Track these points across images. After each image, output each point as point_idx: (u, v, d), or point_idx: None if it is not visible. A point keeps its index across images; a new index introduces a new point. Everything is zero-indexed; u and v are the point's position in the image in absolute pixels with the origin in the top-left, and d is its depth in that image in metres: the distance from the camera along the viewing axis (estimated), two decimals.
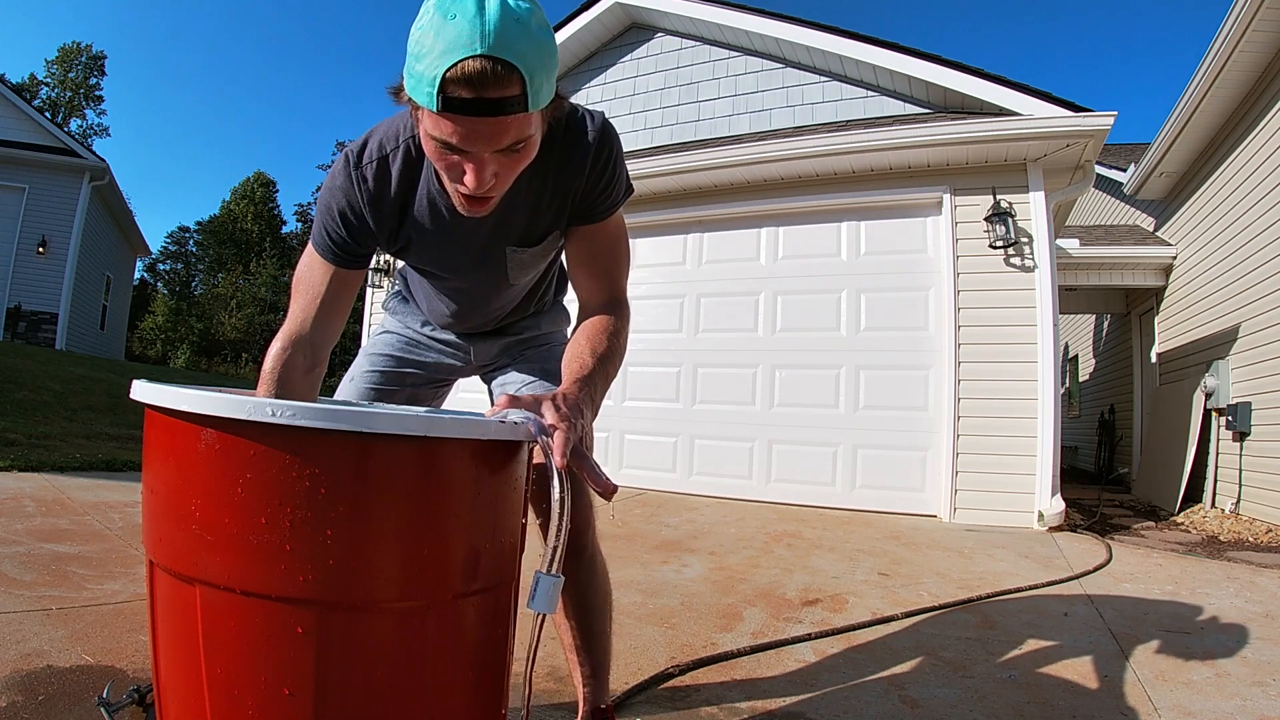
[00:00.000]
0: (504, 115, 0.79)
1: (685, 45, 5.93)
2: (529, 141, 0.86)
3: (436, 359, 1.41)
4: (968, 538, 3.67)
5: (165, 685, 0.78)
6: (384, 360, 1.39)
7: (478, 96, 0.77)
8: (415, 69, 0.80)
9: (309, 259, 1.10)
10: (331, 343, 1.13)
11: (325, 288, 1.08)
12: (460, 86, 0.77)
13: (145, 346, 30.35)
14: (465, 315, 1.32)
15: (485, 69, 0.76)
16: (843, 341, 4.81)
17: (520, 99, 0.79)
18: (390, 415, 0.71)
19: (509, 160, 0.87)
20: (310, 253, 1.09)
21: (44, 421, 5.77)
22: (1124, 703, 1.57)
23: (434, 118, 0.80)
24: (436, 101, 0.78)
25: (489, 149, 0.83)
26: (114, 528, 2.70)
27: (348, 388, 1.37)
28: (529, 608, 0.76)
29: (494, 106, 0.78)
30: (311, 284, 1.09)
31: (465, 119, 0.79)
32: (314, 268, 1.09)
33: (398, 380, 1.38)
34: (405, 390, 1.38)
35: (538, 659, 1.78)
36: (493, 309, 1.31)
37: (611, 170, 1.07)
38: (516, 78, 0.78)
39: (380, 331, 1.47)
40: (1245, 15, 4.40)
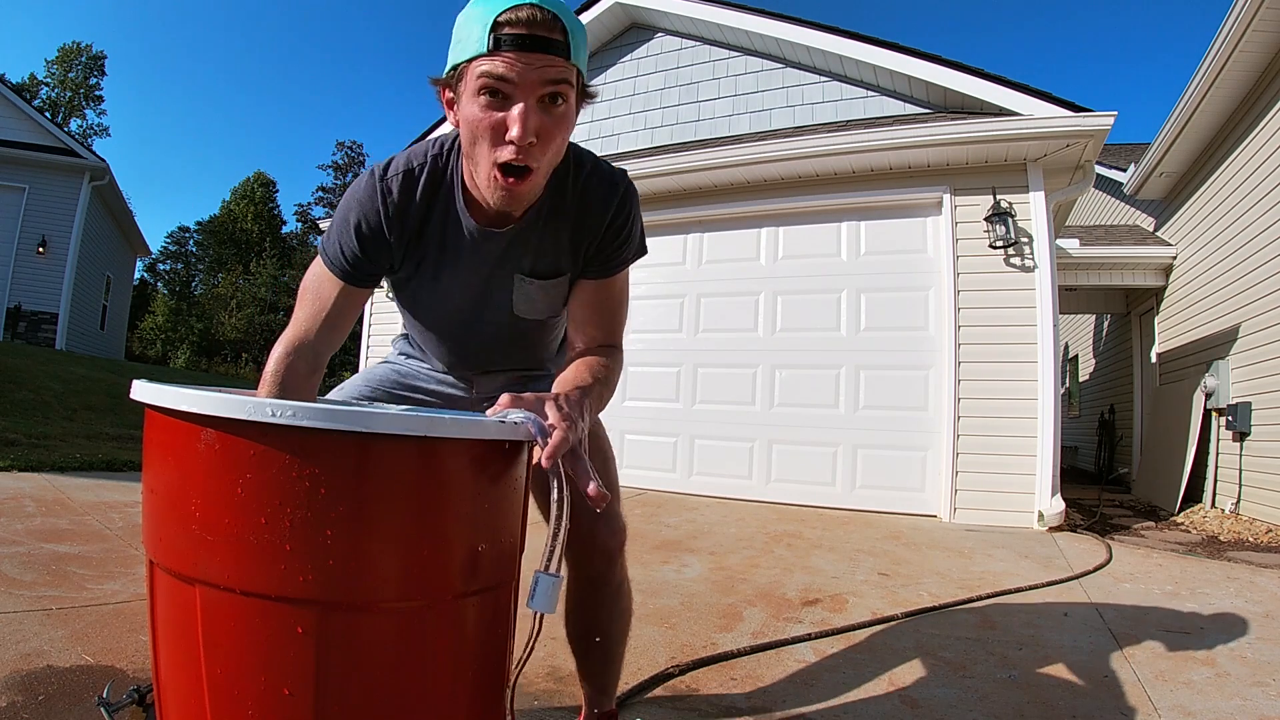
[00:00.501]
0: (549, 54, 0.87)
1: (685, 45, 5.93)
2: (568, 104, 0.92)
3: (436, 388, 1.38)
4: (968, 538, 3.67)
5: (165, 685, 0.78)
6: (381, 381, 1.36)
7: (529, 33, 0.86)
8: (464, 29, 0.89)
9: (319, 271, 1.10)
10: (333, 351, 1.13)
11: (332, 303, 1.08)
12: (513, 25, 0.86)
13: (145, 346, 30.36)
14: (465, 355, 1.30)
15: (534, 11, 0.86)
16: (843, 341, 4.81)
17: (563, 45, 0.88)
18: (390, 415, 0.71)
19: (549, 122, 0.91)
20: (320, 265, 1.09)
21: (44, 421, 5.77)
22: (1124, 703, 1.57)
23: (486, 60, 0.87)
24: (489, 41, 0.86)
25: (538, 84, 0.88)
26: (114, 528, 2.70)
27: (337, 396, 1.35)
28: (529, 606, 0.76)
29: (542, 43, 0.87)
30: (319, 296, 1.09)
31: (516, 54, 0.86)
32: (323, 281, 1.09)
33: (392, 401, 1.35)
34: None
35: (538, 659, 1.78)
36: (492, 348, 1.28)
37: (630, 227, 1.11)
38: (560, 27, 0.88)
39: (381, 362, 1.44)
40: (1245, 15, 4.40)
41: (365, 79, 64.47)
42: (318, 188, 40.87)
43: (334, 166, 35.54)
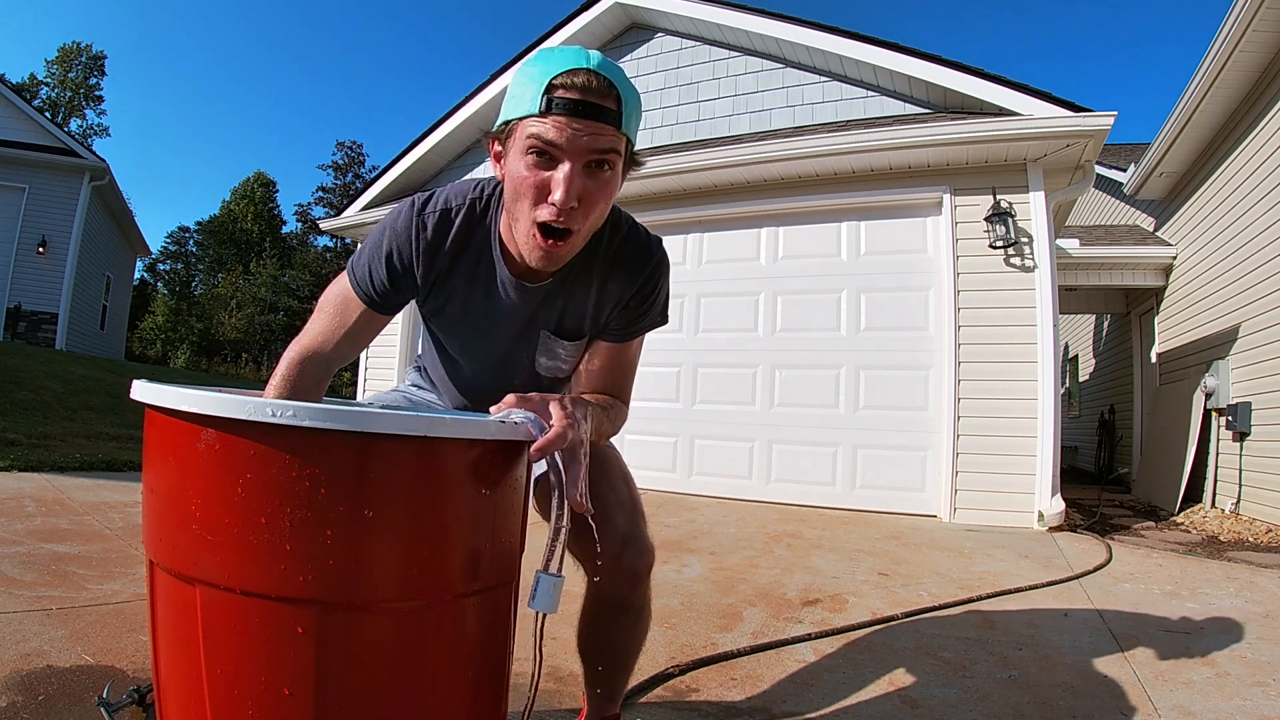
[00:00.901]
0: (601, 122, 0.88)
1: (685, 45, 5.93)
2: (614, 171, 0.93)
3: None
4: (968, 538, 3.67)
5: (165, 685, 0.78)
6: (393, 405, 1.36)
7: (582, 99, 0.87)
8: (520, 87, 0.90)
9: (344, 290, 1.09)
10: (345, 364, 1.14)
11: (353, 323, 1.09)
12: (567, 89, 0.87)
13: (145, 346, 30.35)
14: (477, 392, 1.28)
15: (590, 78, 0.87)
16: (843, 341, 4.81)
17: (615, 114, 0.89)
18: (390, 415, 0.71)
19: (594, 187, 0.91)
20: (346, 285, 1.09)
21: (44, 421, 5.77)
22: (1124, 703, 1.57)
23: (537, 121, 0.88)
24: (541, 103, 0.87)
25: (585, 151, 0.89)
26: (114, 528, 2.70)
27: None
28: (530, 606, 0.76)
29: (595, 110, 0.87)
30: (341, 313, 1.09)
31: (567, 118, 0.87)
32: (347, 301, 1.09)
33: None
34: None
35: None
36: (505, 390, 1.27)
37: (655, 296, 1.13)
38: (615, 95, 0.89)
39: (393, 390, 1.46)
40: (1245, 15, 4.39)
41: (365, 79, 64.52)
42: (318, 188, 40.93)
43: (334, 166, 35.49)
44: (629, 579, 1.09)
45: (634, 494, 1.20)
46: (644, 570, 1.11)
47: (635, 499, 1.19)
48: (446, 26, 64.47)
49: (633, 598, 1.12)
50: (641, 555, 1.10)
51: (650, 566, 1.13)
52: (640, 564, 1.10)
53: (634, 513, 1.14)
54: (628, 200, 5.35)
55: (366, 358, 6.78)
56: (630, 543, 1.08)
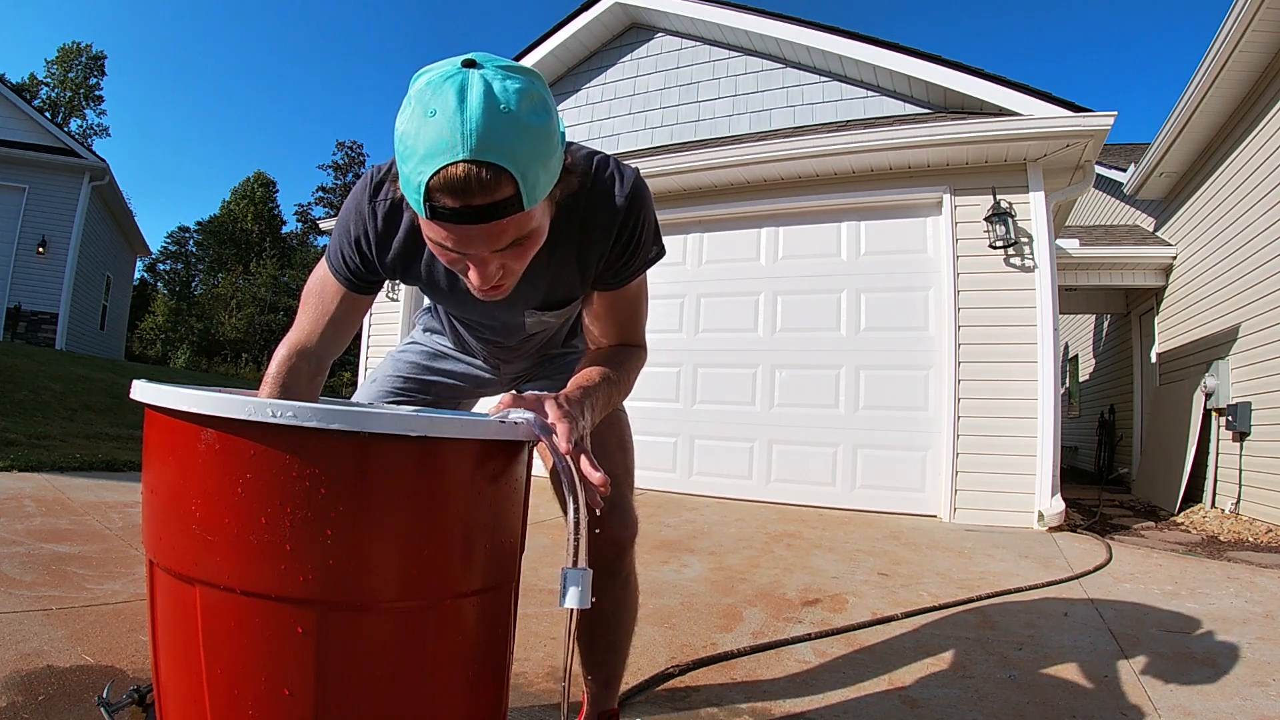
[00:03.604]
0: (496, 220, 0.73)
1: (685, 45, 5.93)
2: (533, 233, 0.81)
3: (465, 369, 1.39)
4: (968, 538, 3.67)
5: (165, 685, 0.78)
6: (410, 368, 1.37)
7: (464, 205, 0.71)
8: (403, 169, 0.74)
9: (322, 275, 1.07)
10: (336, 355, 1.12)
11: (335, 308, 1.07)
12: (445, 195, 0.71)
13: (145, 346, 30.35)
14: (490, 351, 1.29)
15: (470, 175, 0.69)
16: (843, 341, 4.81)
17: (514, 200, 0.73)
18: (390, 415, 0.71)
19: (514, 253, 0.81)
20: (324, 269, 1.07)
21: (44, 421, 5.77)
22: (1124, 702, 1.57)
23: (426, 223, 0.76)
24: (425, 209, 0.73)
25: (486, 250, 0.78)
26: (114, 528, 2.70)
27: (369, 389, 1.36)
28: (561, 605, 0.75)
29: (484, 213, 0.72)
30: (323, 301, 1.07)
31: (455, 226, 0.74)
32: (326, 286, 1.07)
33: (422, 388, 1.36)
34: (429, 398, 1.36)
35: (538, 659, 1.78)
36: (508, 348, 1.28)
37: (639, 237, 1.00)
38: (506, 179, 0.71)
39: (409, 342, 1.44)
40: (1245, 15, 4.39)
41: (366, 79, 64.53)
42: (318, 188, 40.90)
43: (334, 166, 35.54)
44: (612, 548, 1.10)
45: (627, 464, 1.20)
46: (628, 540, 1.13)
47: (628, 469, 1.19)
48: (447, 26, 64.48)
49: (617, 566, 1.12)
50: (625, 526, 1.12)
51: (633, 537, 1.14)
52: (625, 534, 1.11)
53: (621, 484, 1.14)
54: None
55: (366, 357, 6.78)
56: (614, 513, 1.08)
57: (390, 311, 6.49)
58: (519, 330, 1.17)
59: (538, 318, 1.12)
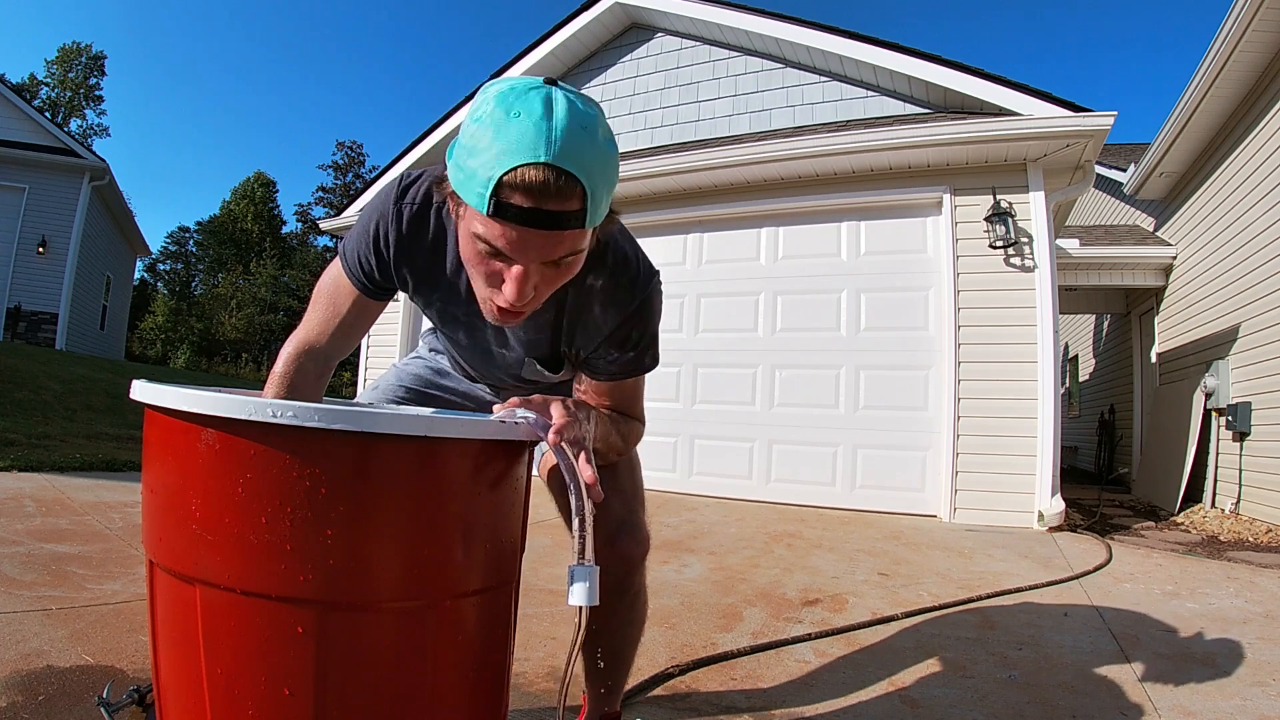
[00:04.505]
0: (560, 230, 0.74)
1: (685, 45, 5.93)
2: (577, 257, 0.81)
3: (468, 389, 1.37)
4: (968, 538, 3.67)
5: (165, 685, 0.78)
6: (414, 379, 1.36)
7: (536, 207, 0.72)
8: (466, 164, 0.74)
9: (337, 275, 1.05)
10: (344, 356, 1.12)
11: (347, 310, 1.05)
12: (518, 193, 0.71)
13: (145, 346, 30.35)
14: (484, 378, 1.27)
15: (549, 179, 0.70)
16: (843, 341, 4.81)
17: (579, 214, 0.74)
18: (391, 415, 0.71)
19: (553, 274, 0.81)
20: (338, 269, 1.05)
21: (44, 421, 5.77)
22: (1124, 702, 1.57)
23: (484, 220, 0.74)
24: (489, 205, 0.72)
25: (538, 260, 0.77)
26: (114, 528, 2.70)
27: (370, 395, 1.35)
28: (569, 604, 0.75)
29: (551, 219, 0.73)
30: (335, 302, 1.06)
31: (518, 228, 0.73)
32: (340, 287, 1.05)
33: (423, 401, 1.34)
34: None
35: (538, 659, 1.78)
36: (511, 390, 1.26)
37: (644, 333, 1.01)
38: (579, 191, 0.72)
39: (414, 356, 1.43)
40: (1245, 15, 4.39)
41: (366, 79, 64.49)
42: (318, 188, 40.92)
43: (334, 166, 35.50)
44: (623, 565, 1.08)
45: (636, 481, 1.18)
46: (639, 557, 1.11)
47: (637, 486, 1.18)
48: (446, 26, 64.48)
49: (627, 583, 1.11)
50: (637, 543, 1.10)
51: (645, 554, 1.12)
52: (635, 551, 1.09)
53: (632, 500, 1.14)
54: (628, 200, 5.35)
55: (366, 357, 6.78)
56: (626, 530, 1.07)
57: (391, 312, 6.49)
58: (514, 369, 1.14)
59: (535, 368, 1.10)
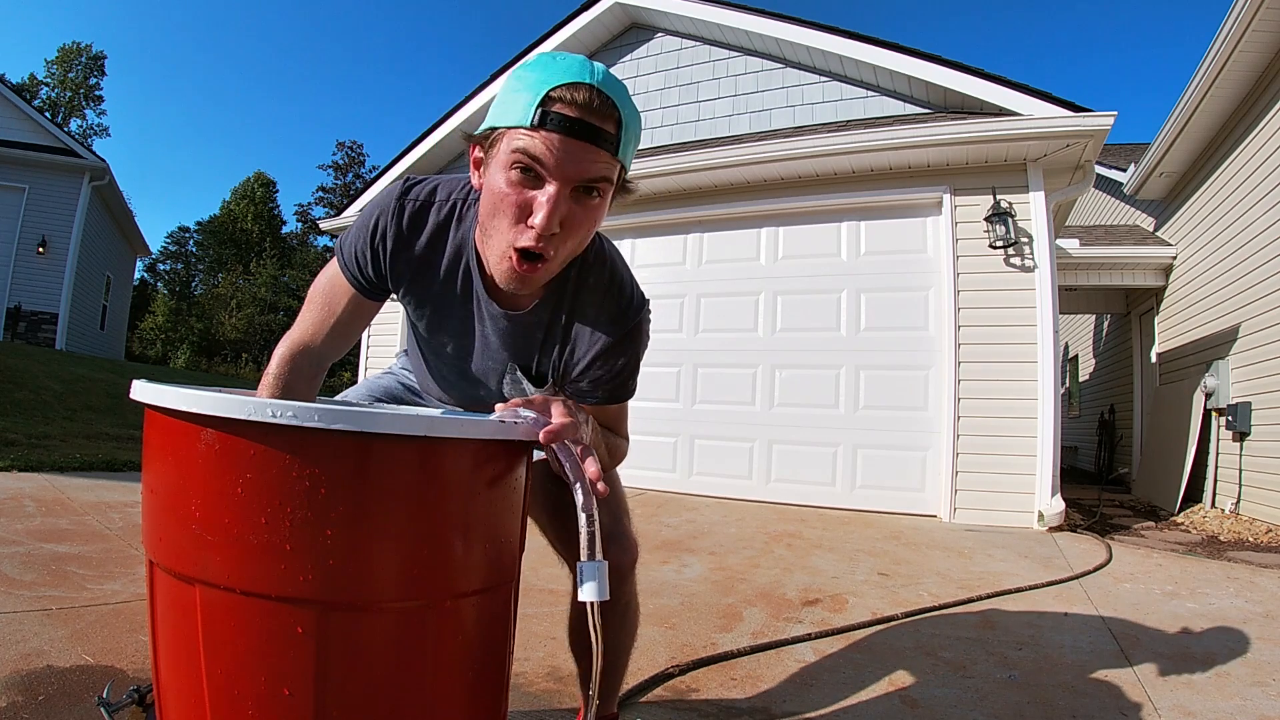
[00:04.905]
0: (597, 146, 0.81)
1: (685, 45, 5.93)
2: (603, 199, 0.87)
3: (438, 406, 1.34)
4: (968, 538, 3.67)
5: (165, 685, 0.78)
6: (384, 392, 1.35)
7: (580, 118, 0.79)
8: (512, 93, 0.82)
9: (333, 275, 1.05)
10: (338, 357, 1.11)
11: (342, 310, 1.05)
12: (565, 105, 0.79)
13: (145, 346, 30.35)
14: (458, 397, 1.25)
15: (593, 95, 0.79)
16: (843, 341, 4.81)
17: (614, 139, 0.82)
18: (390, 415, 0.71)
19: (579, 213, 0.85)
20: (335, 269, 1.05)
21: (44, 421, 5.77)
22: (1124, 702, 1.57)
23: (527, 133, 0.80)
24: (534, 115, 0.79)
25: (574, 177, 0.82)
26: (114, 528, 2.70)
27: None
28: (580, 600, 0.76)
29: (592, 132, 0.80)
30: (330, 302, 1.05)
31: (561, 138, 0.79)
32: (335, 286, 1.05)
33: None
34: None
35: (538, 659, 1.78)
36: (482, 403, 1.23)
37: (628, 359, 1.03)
38: (615, 118, 0.81)
39: (385, 372, 1.42)
40: (1245, 15, 4.39)
41: (366, 79, 64.49)
42: (318, 188, 40.95)
43: (334, 166, 35.49)
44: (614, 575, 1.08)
45: (619, 491, 1.20)
46: (628, 566, 1.12)
47: (620, 498, 1.19)
48: (446, 26, 64.50)
49: (618, 593, 1.10)
50: (625, 552, 1.11)
51: (634, 563, 1.14)
52: (624, 560, 1.10)
53: (617, 509, 1.15)
54: (628, 200, 5.34)
55: (366, 358, 6.78)
56: (613, 539, 1.08)
57: (391, 313, 6.48)
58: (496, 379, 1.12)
59: (517, 376, 1.09)
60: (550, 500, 1.09)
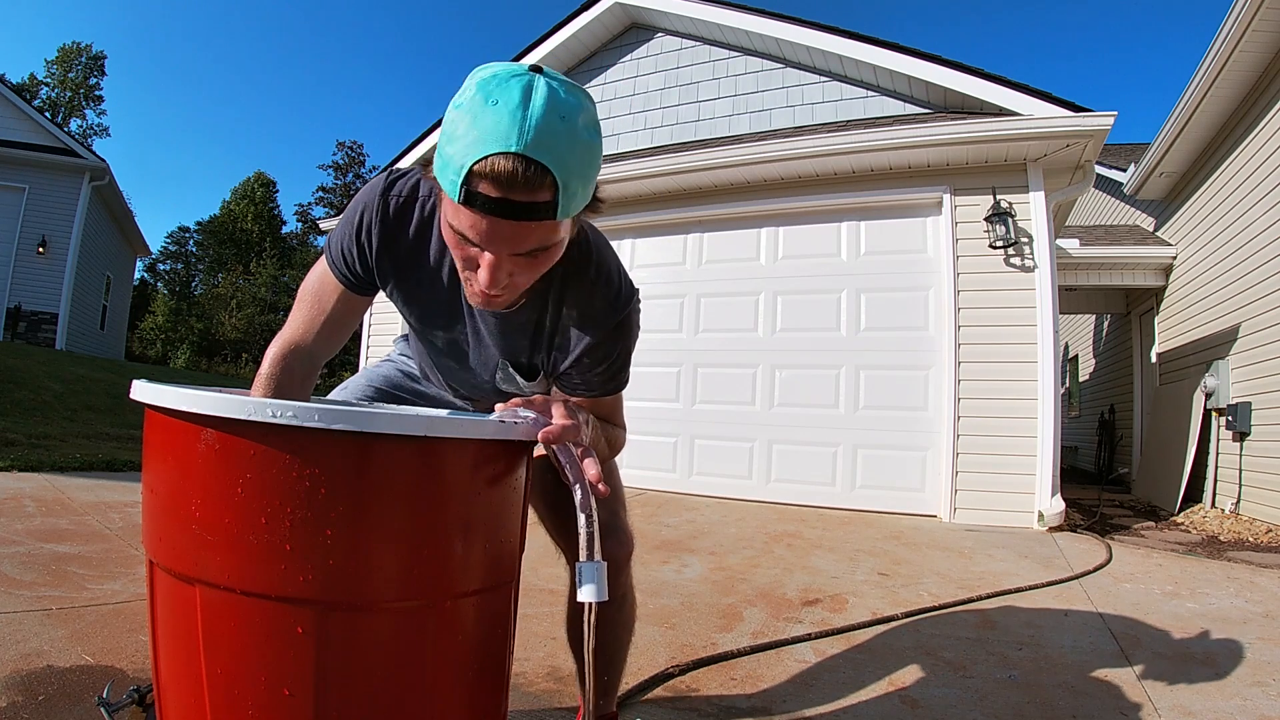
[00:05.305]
0: (528, 221, 0.74)
1: (685, 45, 5.93)
2: (553, 247, 0.81)
3: (438, 394, 1.35)
4: (968, 538, 3.67)
5: (165, 685, 0.78)
6: (384, 381, 1.34)
7: (503, 197, 0.71)
8: (445, 151, 0.74)
9: (321, 273, 1.05)
10: (330, 355, 1.10)
11: (332, 307, 1.04)
12: (486, 183, 0.71)
13: (145, 346, 30.35)
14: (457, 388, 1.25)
15: (517, 170, 0.70)
16: (843, 341, 4.81)
17: (549, 206, 0.73)
18: (390, 415, 0.71)
19: (528, 263, 0.81)
20: (323, 267, 1.04)
21: (44, 421, 5.77)
22: (1124, 702, 1.57)
23: (454, 207, 0.75)
24: (459, 192, 0.72)
25: (507, 251, 0.77)
26: (114, 528, 2.70)
27: (338, 395, 1.33)
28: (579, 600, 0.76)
29: (519, 210, 0.72)
30: (320, 300, 1.05)
31: (486, 217, 0.73)
32: (324, 284, 1.04)
33: (392, 402, 1.32)
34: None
35: (538, 659, 1.78)
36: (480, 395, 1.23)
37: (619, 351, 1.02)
38: (549, 183, 0.72)
39: (384, 360, 1.42)
40: (1245, 15, 4.39)
41: (366, 79, 64.47)
42: (318, 188, 40.95)
43: (334, 166, 35.49)
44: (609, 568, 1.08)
45: (616, 485, 1.19)
46: (624, 559, 1.12)
47: (617, 490, 1.19)
48: (447, 26, 64.43)
49: (614, 586, 1.10)
50: (621, 545, 1.11)
51: (629, 556, 1.14)
52: (620, 553, 1.11)
53: (614, 503, 1.15)
54: (628, 200, 5.36)
55: (366, 358, 6.78)
56: (609, 532, 1.08)
57: (392, 311, 6.49)
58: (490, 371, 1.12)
59: (509, 372, 1.09)
60: (550, 491, 1.09)
